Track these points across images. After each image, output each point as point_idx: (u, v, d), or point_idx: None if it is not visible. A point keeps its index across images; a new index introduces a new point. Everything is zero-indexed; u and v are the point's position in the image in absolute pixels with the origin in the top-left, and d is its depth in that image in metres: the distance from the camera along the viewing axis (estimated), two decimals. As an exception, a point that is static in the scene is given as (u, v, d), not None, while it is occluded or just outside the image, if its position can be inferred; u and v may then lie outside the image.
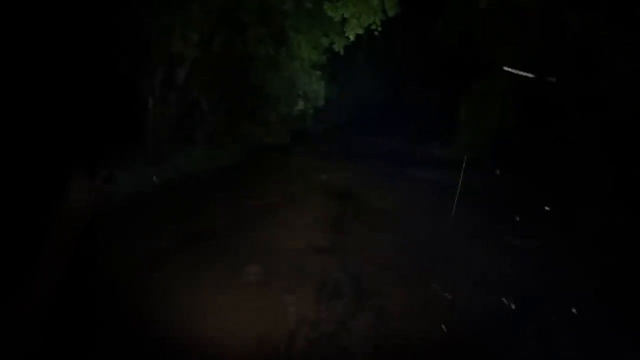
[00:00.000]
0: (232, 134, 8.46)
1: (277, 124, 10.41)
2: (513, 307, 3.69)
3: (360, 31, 8.89)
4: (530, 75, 9.74)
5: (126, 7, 5.86)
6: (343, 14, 8.56)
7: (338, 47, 10.37)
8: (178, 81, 7.44)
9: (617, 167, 7.31)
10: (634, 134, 7.14)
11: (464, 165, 6.99)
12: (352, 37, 9.10)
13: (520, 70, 10.07)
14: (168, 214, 5.05)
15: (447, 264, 4.55)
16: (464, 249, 5.03)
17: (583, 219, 6.24)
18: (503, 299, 3.75)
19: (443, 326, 3.30)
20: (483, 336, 3.31)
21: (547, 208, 6.56)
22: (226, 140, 8.30)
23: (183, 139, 7.53)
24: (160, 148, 6.77)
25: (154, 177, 5.63)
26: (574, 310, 3.62)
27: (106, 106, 5.75)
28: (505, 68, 10.34)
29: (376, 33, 8.75)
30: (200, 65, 7.70)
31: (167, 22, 6.73)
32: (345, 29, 8.92)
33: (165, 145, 6.91)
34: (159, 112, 6.93)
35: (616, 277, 4.40)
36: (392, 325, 3.30)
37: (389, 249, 4.87)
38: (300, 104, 12.24)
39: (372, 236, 5.32)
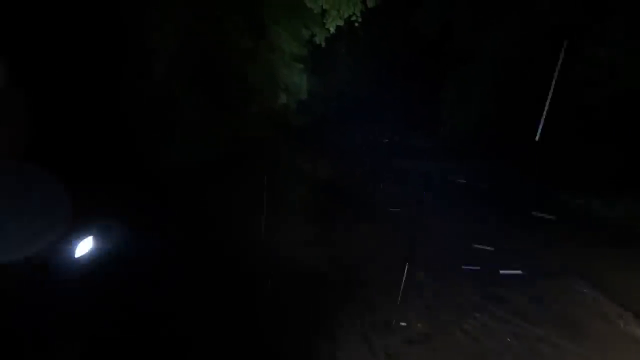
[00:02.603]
0: (213, 129, 8.31)
1: (260, 118, 10.28)
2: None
3: (341, 23, 8.80)
4: (510, 61, 9.91)
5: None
6: (322, 6, 8.45)
7: (319, 39, 10.25)
8: (156, 75, 7.23)
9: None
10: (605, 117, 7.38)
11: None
12: (332, 29, 9.01)
13: (501, 56, 10.23)
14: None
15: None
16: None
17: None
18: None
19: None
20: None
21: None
22: (207, 135, 8.15)
23: (163, 136, 7.35)
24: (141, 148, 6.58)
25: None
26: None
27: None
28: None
29: (356, 24, 8.69)
30: (179, 59, 7.50)
31: (142, 13, 6.51)
32: (325, 21, 8.82)
33: (145, 143, 6.72)
34: (137, 109, 6.73)
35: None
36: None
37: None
38: (283, 97, 12.11)
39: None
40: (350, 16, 8.65)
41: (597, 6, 7.73)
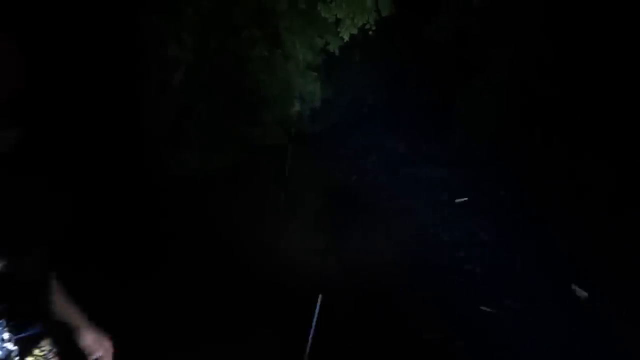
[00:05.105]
0: (228, 136, 8.43)
1: (274, 126, 10.37)
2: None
3: (355, 31, 8.84)
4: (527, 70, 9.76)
5: (119, 10, 5.84)
6: (337, 15, 8.52)
7: (333, 47, 10.30)
8: (174, 85, 7.41)
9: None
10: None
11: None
12: (346, 38, 9.05)
13: (519, 66, 10.08)
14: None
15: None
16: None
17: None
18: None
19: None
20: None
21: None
22: (222, 143, 8.28)
23: (178, 145, 7.50)
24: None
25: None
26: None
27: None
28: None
29: (370, 33, 8.73)
30: (195, 69, 7.68)
31: (161, 25, 6.70)
32: (339, 30, 8.87)
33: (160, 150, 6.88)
34: (155, 119, 6.91)
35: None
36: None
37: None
38: (297, 105, 12.20)
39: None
40: (364, 25, 8.70)
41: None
